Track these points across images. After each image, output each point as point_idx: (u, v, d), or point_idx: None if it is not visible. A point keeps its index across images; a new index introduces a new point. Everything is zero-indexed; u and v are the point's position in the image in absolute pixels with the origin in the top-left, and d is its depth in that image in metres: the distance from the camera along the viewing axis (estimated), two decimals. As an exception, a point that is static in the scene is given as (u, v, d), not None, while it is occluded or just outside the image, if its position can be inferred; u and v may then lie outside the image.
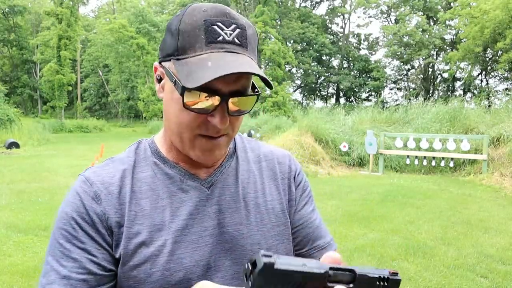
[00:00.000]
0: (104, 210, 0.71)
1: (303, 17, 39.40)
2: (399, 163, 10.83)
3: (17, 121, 19.64)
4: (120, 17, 35.42)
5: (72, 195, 0.73)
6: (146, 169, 0.77)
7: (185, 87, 0.64)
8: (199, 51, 0.66)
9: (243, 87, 0.68)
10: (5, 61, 46.07)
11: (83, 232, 0.69)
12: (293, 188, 0.86)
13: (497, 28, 24.27)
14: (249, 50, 0.69)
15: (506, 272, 3.87)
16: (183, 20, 0.68)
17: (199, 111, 0.67)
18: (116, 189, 0.73)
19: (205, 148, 0.72)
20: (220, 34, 0.66)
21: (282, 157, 0.89)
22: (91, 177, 0.74)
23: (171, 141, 0.77)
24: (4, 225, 5.22)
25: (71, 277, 0.67)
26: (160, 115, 34.12)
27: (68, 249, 0.68)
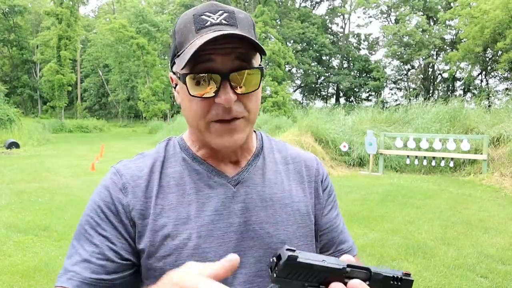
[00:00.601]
0: (129, 201, 0.74)
1: (303, 17, 39.39)
2: (399, 163, 10.83)
3: (17, 121, 19.63)
4: (120, 17, 35.41)
5: (102, 185, 0.78)
6: (174, 165, 0.80)
7: (185, 74, 0.68)
8: (191, 39, 0.70)
9: (241, 64, 0.70)
10: (5, 61, 46.06)
11: (107, 221, 0.73)
12: (321, 192, 0.88)
13: (497, 28, 24.27)
14: (240, 28, 0.71)
15: (506, 272, 3.87)
16: (177, 23, 0.73)
17: (204, 94, 0.70)
18: (144, 182, 0.77)
19: (221, 132, 0.73)
20: (207, 20, 0.70)
21: (310, 161, 0.90)
22: (121, 170, 0.78)
23: (199, 141, 0.80)
24: (4, 225, 5.22)
25: (91, 261, 0.71)
26: (160, 115, 34.15)
27: (91, 235, 0.73)
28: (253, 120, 0.76)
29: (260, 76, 0.72)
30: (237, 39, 0.67)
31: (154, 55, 34.69)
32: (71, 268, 0.71)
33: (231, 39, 0.67)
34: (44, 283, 3.58)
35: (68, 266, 0.71)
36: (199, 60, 0.68)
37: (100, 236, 0.72)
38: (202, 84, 0.69)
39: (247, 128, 0.76)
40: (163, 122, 30.38)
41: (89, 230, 0.73)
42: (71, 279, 0.69)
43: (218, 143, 0.74)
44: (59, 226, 5.22)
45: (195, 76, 0.69)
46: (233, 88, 0.69)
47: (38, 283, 3.58)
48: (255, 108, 0.75)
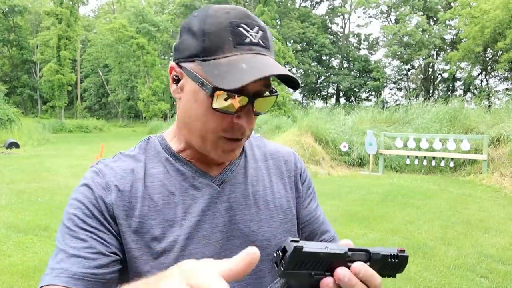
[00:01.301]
0: (112, 200, 0.72)
1: (303, 17, 39.39)
2: (399, 163, 10.83)
3: (17, 121, 19.62)
4: (120, 17, 35.40)
5: (83, 184, 0.75)
6: (158, 165, 0.78)
7: (217, 87, 0.65)
8: (228, 52, 0.67)
9: (265, 88, 0.71)
10: (5, 61, 46.05)
11: (92, 217, 0.71)
12: (300, 185, 0.89)
13: (497, 28, 24.27)
14: (271, 51, 0.72)
15: (506, 272, 3.87)
16: (207, 22, 0.68)
17: (226, 112, 0.68)
18: (128, 182, 0.75)
19: (228, 149, 0.73)
20: (247, 36, 0.68)
21: (288, 155, 0.91)
22: (103, 169, 0.76)
23: (186, 140, 0.78)
24: (4, 225, 5.22)
25: (79, 255, 0.68)
26: (160, 115, 34.12)
27: (76, 231, 0.70)
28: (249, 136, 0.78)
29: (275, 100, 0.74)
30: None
31: (154, 55, 34.65)
32: (57, 266, 0.67)
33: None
34: (44, 283, 3.58)
35: (53, 265, 0.68)
36: None
37: (86, 231, 0.70)
38: (227, 100, 0.67)
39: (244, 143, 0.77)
40: (163, 122, 30.39)
41: (73, 227, 0.70)
42: (59, 276, 0.66)
43: (219, 157, 0.75)
44: (59, 226, 5.22)
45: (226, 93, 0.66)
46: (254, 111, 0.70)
47: (38, 283, 3.56)
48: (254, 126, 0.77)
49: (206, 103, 0.69)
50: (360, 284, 0.52)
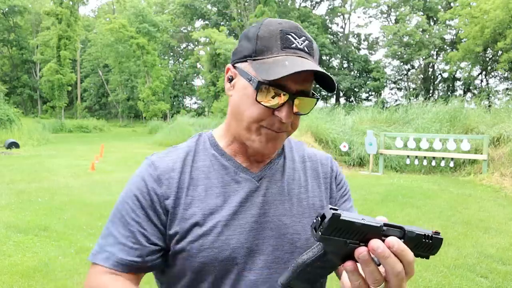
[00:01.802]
0: (164, 192, 0.83)
1: (303, 17, 39.38)
2: (399, 163, 10.83)
3: (17, 121, 19.63)
4: (120, 17, 35.38)
5: (138, 175, 0.86)
6: (204, 159, 0.88)
7: (261, 81, 0.76)
8: (275, 53, 0.78)
9: (307, 89, 0.79)
10: (5, 61, 46.05)
11: (141, 208, 0.82)
12: (334, 187, 0.97)
13: (498, 28, 24.26)
14: (315, 59, 0.82)
15: (506, 272, 3.87)
16: (261, 29, 0.81)
17: (269, 105, 0.78)
18: (177, 175, 0.85)
19: (270, 137, 0.82)
20: (293, 42, 0.79)
21: (325, 159, 1.00)
22: (156, 162, 0.86)
23: (233, 136, 0.88)
24: (4, 225, 5.22)
25: (125, 244, 0.80)
26: (160, 115, 34.13)
27: (126, 220, 0.81)
28: (290, 135, 0.88)
29: (315, 103, 0.83)
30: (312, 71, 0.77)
31: (154, 55, 34.68)
32: (107, 249, 0.80)
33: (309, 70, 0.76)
34: (44, 283, 3.58)
35: (104, 245, 0.81)
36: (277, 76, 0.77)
37: (134, 221, 0.81)
38: (271, 95, 0.77)
39: (285, 140, 0.87)
40: (163, 122, 30.39)
41: (125, 216, 0.82)
42: (108, 258, 0.79)
43: (259, 147, 0.83)
44: (59, 226, 5.22)
45: (269, 87, 0.76)
46: (293, 109, 0.79)
47: (38, 283, 3.58)
48: (295, 127, 0.86)
49: (252, 96, 0.78)
50: (393, 257, 0.55)
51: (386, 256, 0.54)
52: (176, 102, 46.96)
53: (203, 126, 21.82)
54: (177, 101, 47.28)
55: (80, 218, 5.62)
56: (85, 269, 3.89)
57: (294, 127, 0.85)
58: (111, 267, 0.79)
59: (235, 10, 36.81)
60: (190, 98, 50.43)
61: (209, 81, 33.16)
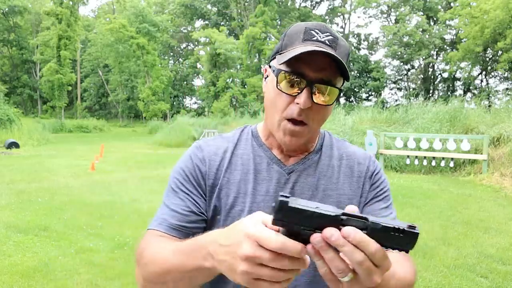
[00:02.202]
0: (206, 170, 0.92)
1: (303, 17, 39.37)
2: (399, 163, 10.83)
3: (17, 121, 19.63)
4: (120, 17, 35.37)
5: (186, 155, 0.96)
6: (244, 148, 0.96)
7: (279, 68, 0.82)
8: (296, 45, 0.82)
9: (327, 78, 0.82)
10: (5, 61, 46.03)
11: (189, 182, 0.91)
12: (367, 186, 0.97)
13: (497, 28, 24.25)
14: (337, 52, 0.82)
15: (506, 272, 3.87)
16: (290, 28, 0.87)
17: (288, 91, 0.82)
18: (218, 158, 0.94)
19: (287, 130, 0.85)
20: (315, 35, 0.83)
21: (363, 159, 1.00)
22: (202, 145, 0.96)
23: (269, 130, 0.93)
24: (4, 225, 5.22)
25: (177, 211, 0.88)
26: (160, 115, 34.13)
27: (176, 191, 0.91)
28: (314, 130, 0.89)
29: (337, 96, 0.85)
30: (330, 59, 0.80)
31: (154, 55, 34.68)
32: (161, 216, 0.89)
33: (326, 57, 0.79)
34: (44, 283, 3.58)
35: (159, 214, 0.90)
36: (295, 63, 0.80)
37: (183, 193, 0.90)
38: (290, 83, 0.82)
39: (308, 135, 0.88)
40: (163, 122, 30.39)
41: (176, 188, 0.91)
42: (161, 223, 0.87)
43: (281, 139, 0.88)
44: (59, 226, 5.22)
45: (287, 74, 0.81)
46: (312, 96, 0.81)
47: (38, 283, 3.58)
48: (320, 121, 0.88)
49: (275, 86, 0.84)
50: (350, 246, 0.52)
51: (341, 244, 0.52)
52: (176, 102, 46.96)
53: (203, 126, 21.83)
54: (177, 101, 47.28)
55: (80, 218, 5.62)
56: (85, 269, 3.89)
57: (316, 122, 0.86)
58: (163, 230, 0.86)
59: (235, 10, 36.81)
60: (190, 98, 50.46)
61: (209, 81, 33.16)
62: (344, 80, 0.87)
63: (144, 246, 0.84)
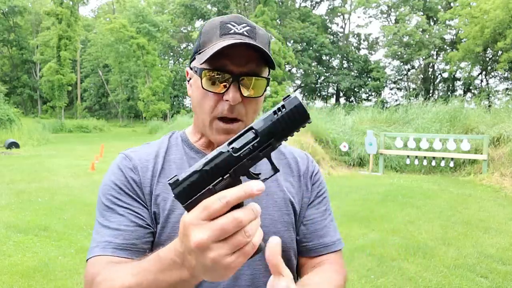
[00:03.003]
0: (140, 179, 0.85)
1: (303, 17, 39.37)
2: (399, 163, 10.83)
3: (17, 121, 19.62)
4: (120, 17, 35.36)
5: (113, 168, 0.88)
6: (176, 153, 0.92)
7: (202, 68, 0.79)
8: (214, 42, 0.80)
9: (252, 69, 0.79)
10: (5, 61, 46.00)
11: (125, 195, 0.83)
12: (309, 186, 0.96)
13: (497, 28, 24.24)
14: (257, 42, 0.80)
15: (506, 272, 3.87)
16: (204, 26, 0.85)
17: (215, 90, 0.79)
18: (151, 164, 0.88)
19: (221, 129, 0.82)
20: (232, 28, 0.80)
21: (302, 158, 1.00)
22: (130, 155, 0.90)
23: (200, 132, 0.91)
24: (4, 225, 5.22)
25: (120, 228, 0.79)
26: (160, 115, 34.11)
27: (113, 208, 0.82)
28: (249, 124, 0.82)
29: (265, 85, 0.82)
30: (252, 50, 0.78)
31: (154, 55, 34.64)
32: (102, 240, 0.78)
33: (248, 49, 0.77)
34: (44, 283, 3.58)
35: (99, 239, 0.79)
36: (217, 60, 0.78)
37: (122, 208, 0.82)
38: (215, 81, 0.79)
39: None
40: (163, 122, 30.37)
41: (111, 205, 0.82)
42: (105, 247, 0.77)
43: (215, 139, 0.84)
44: (59, 226, 5.22)
45: (210, 72, 0.78)
46: (241, 90, 0.79)
47: (38, 283, 3.58)
48: (253, 114, 0.84)
49: (200, 86, 0.80)
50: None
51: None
52: (176, 102, 46.93)
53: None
54: (177, 101, 47.25)
55: (80, 218, 5.62)
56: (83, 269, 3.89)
57: (250, 116, 0.83)
58: (110, 254, 0.76)
59: (235, 10, 36.79)
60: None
61: (209, 81, 33.13)
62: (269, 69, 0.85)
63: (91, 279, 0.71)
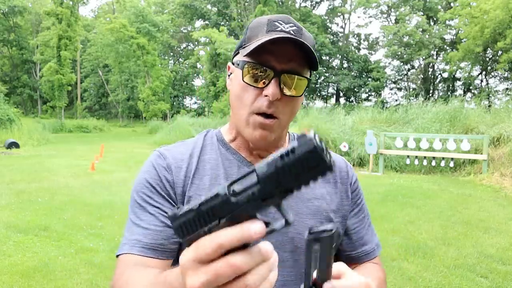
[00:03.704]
0: (174, 179, 0.84)
1: (303, 17, 39.37)
2: (399, 163, 10.83)
3: (17, 121, 19.62)
4: (120, 17, 35.37)
5: (147, 166, 0.87)
6: (211, 152, 0.90)
7: (244, 60, 0.78)
8: (260, 37, 0.79)
9: (295, 68, 0.78)
10: (5, 61, 46.01)
11: (157, 194, 0.83)
12: (349, 193, 0.95)
13: (497, 28, 24.24)
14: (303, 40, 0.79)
15: (506, 272, 3.87)
16: (252, 21, 0.84)
17: (255, 84, 0.78)
18: (185, 164, 0.87)
19: (257, 124, 0.80)
20: (279, 26, 0.80)
21: (339, 163, 0.97)
22: (165, 153, 0.88)
23: (236, 130, 0.88)
24: (4, 225, 5.22)
25: (149, 228, 0.80)
26: (160, 115, 34.12)
27: (145, 207, 0.82)
28: (285, 124, 0.84)
29: (306, 86, 0.81)
30: (297, 49, 0.77)
31: (154, 55, 34.65)
32: (132, 238, 0.79)
33: (292, 47, 0.77)
34: (44, 283, 3.58)
35: (129, 236, 0.80)
36: (260, 55, 0.77)
37: (153, 207, 0.82)
38: (257, 75, 0.78)
39: (279, 130, 0.83)
40: (163, 122, 30.38)
41: (143, 203, 0.82)
42: (134, 245, 0.78)
43: (251, 134, 0.82)
44: (59, 226, 5.22)
45: (252, 66, 0.77)
46: (281, 87, 0.78)
47: (38, 283, 3.58)
48: (290, 114, 0.83)
49: (241, 81, 0.79)
50: None
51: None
52: (176, 102, 46.94)
53: (203, 126, 21.81)
54: (177, 101, 47.26)
55: (80, 218, 5.62)
56: (85, 269, 3.89)
57: (286, 115, 0.82)
58: (137, 253, 0.77)
59: (235, 10, 36.81)
60: (190, 98, 50.42)
61: (209, 81, 33.14)
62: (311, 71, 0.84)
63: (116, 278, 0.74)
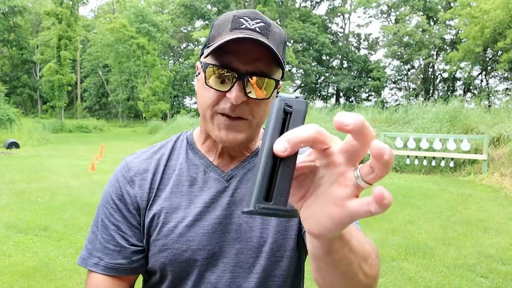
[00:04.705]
0: (136, 193, 0.83)
1: (303, 17, 39.37)
2: (399, 163, 10.82)
3: (17, 121, 19.62)
4: (120, 17, 35.37)
5: (113, 179, 0.86)
6: (177, 157, 0.87)
7: (207, 63, 0.74)
8: (224, 36, 0.74)
9: (260, 70, 0.73)
10: (5, 61, 46.01)
11: (118, 211, 0.83)
12: None
13: (498, 28, 24.24)
14: (270, 40, 0.74)
15: (506, 272, 3.87)
16: (217, 19, 0.79)
17: (218, 87, 0.74)
18: (150, 175, 0.84)
19: (222, 125, 0.76)
20: (244, 23, 0.74)
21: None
22: (130, 164, 0.87)
23: (205, 132, 0.85)
24: (4, 225, 5.22)
25: (109, 248, 0.82)
26: (160, 115, 34.12)
27: (106, 224, 0.83)
28: (256, 125, 0.79)
29: (274, 88, 0.75)
30: (264, 48, 0.71)
31: (154, 55, 34.63)
32: (95, 254, 0.82)
33: (258, 46, 0.71)
34: (44, 283, 3.58)
35: (92, 250, 0.83)
36: (223, 55, 0.73)
37: (113, 225, 0.82)
38: (220, 77, 0.73)
39: (248, 131, 0.78)
40: (163, 122, 30.38)
41: (105, 220, 0.83)
42: (98, 264, 0.81)
43: (217, 135, 0.77)
44: (59, 226, 5.22)
45: (214, 68, 0.73)
46: (246, 90, 0.73)
47: (38, 283, 3.58)
48: (261, 115, 0.78)
49: (204, 82, 0.76)
50: None
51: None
52: (176, 102, 46.93)
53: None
54: (177, 101, 47.24)
55: (80, 218, 5.62)
56: (85, 269, 3.89)
57: (256, 116, 0.76)
58: (101, 272, 0.81)
59: (235, 10, 36.79)
60: (190, 98, 50.40)
61: (209, 81, 33.14)
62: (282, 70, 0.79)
63: None
